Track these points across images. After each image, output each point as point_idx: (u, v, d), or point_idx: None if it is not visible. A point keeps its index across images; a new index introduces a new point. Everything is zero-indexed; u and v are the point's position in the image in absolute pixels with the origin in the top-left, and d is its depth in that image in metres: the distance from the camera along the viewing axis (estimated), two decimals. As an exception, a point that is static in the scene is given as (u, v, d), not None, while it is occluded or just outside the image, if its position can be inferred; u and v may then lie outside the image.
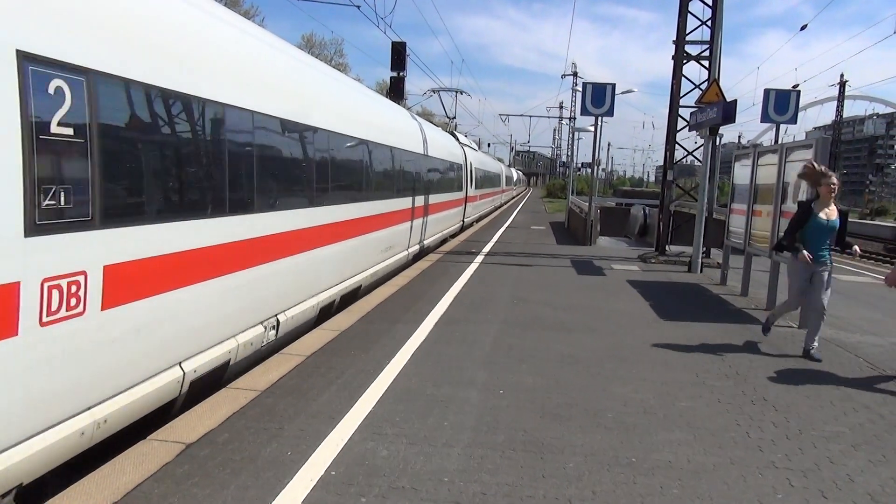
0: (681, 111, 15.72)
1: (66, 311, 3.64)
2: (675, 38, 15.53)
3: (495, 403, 5.25)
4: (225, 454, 4.13)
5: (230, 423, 4.62)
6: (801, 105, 17.17)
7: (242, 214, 5.73)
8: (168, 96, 4.64)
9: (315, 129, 7.54)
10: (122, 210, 4.22)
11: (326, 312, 8.28)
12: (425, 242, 15.44)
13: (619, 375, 6.17)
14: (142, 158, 4.44)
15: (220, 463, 4.01)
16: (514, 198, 61.20)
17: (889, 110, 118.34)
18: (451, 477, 3.96)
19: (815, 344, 7.13)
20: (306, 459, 4.10)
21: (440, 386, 5.61)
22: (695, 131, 14.66)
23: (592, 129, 22.37)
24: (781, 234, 9.44)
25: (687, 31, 15.40)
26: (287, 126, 6.77)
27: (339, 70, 12.52)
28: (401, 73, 20.18)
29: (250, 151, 5.90)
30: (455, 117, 29.91)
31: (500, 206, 44.13)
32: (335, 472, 3.96)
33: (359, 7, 15.57)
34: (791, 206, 9.18)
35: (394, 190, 11.88)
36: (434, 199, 15.84)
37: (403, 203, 12.70)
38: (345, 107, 9.38)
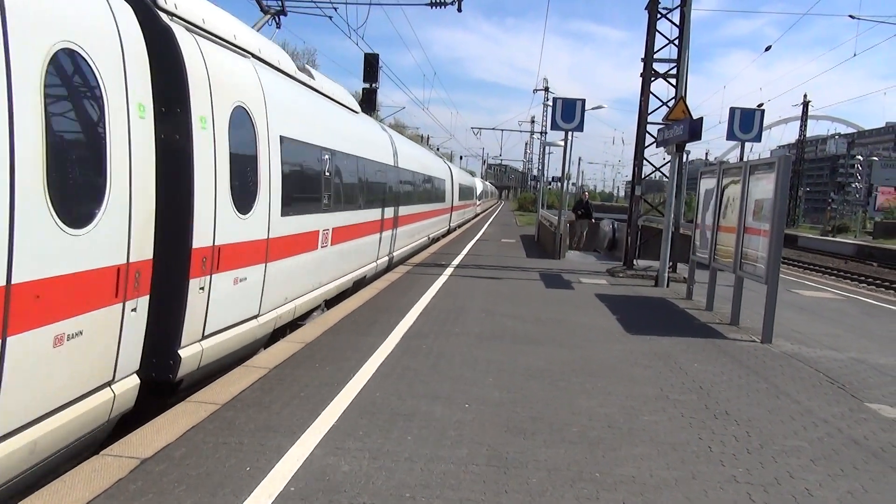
0: (649, 128, 15.93)
1: None
2: (643, 56, 15.79)
3: (460, 417, 5.21)
4: (181, 470, 4.02)
5: (188, 438, 4.50)
6: (765, 124, 17.57)
7: None
8: None
9: None
10: None
11: None
12: None
13: (585, 389, 6.17)
14: None
15: (176, 479, 3.90)
16: (478, 215, 57.15)
17: (850, 130, 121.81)
18: (413, 492, 3.90)
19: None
20: (265, 475, 4.01)
21: (405, 399, 5.56)
22: (662, 148, 14.88)
23: (563, 143, 22.60)
24: (745, 249, 9.62)
25: (655, 50, 15.66)
26: None
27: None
28: (373, 85, 20.16)
29: None
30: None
31: (441, 237, 25.75)
32: (294, 488, 3.87)
33: (330, 18, 15.53)
34: (754, 223, 9.36)
35: None
36: None
37: None
38: None
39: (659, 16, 15.57)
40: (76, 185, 4.16)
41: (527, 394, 5.92)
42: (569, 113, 16.93)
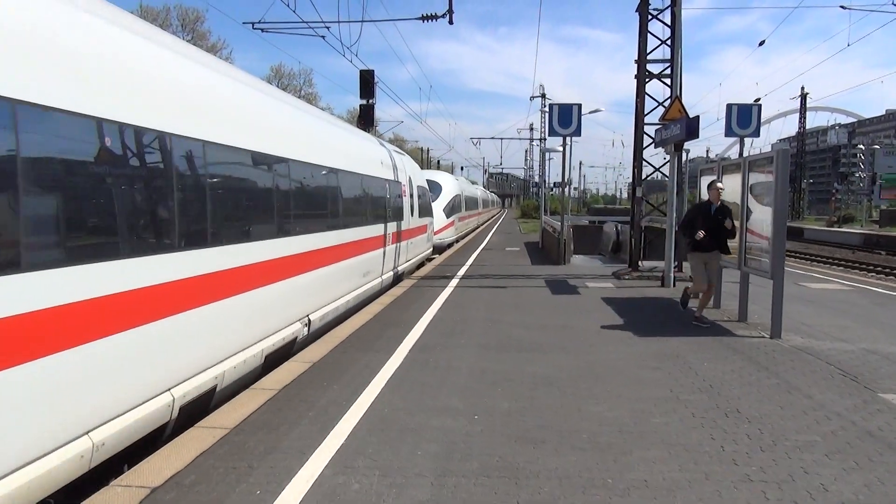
0: (646, 128, 15.95)
1: None
2: (636, 58, 15.81)
3: (469, 429, 5.19)
4: (191, 497, 4.02)
5: (197, 464, 4.50)
6: (764, 118, 17.54)
7: None
8: None
9: None
10: None
11: None
12: None
13: (594, 394, 6.14)
14: None
15: (187, 506, 3.89)
16: (483, 223, 55.52)
17: (850, 120, 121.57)
18: (425, 508, 3.88)
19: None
20: (276, 498, 3.99)
21: (414, 414, 5.54)
22: (661, 148, 14.87)
23: (562, 149, 22.58)
24: (748, 244, 9.57)
25: (648, 51, 15.68)
26: None
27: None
28: (370, 101, 20.27)
29: None
30: None
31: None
32: (305, 509, 3.86)
33: (324, 37, 15.66)
34: (754, 220, 9.32)
35: None
36: None
37: None
38: None
39: (650, 17, 15.61)
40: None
41: (535, 402, 5.89)
42: (565, 118, 16.93)
